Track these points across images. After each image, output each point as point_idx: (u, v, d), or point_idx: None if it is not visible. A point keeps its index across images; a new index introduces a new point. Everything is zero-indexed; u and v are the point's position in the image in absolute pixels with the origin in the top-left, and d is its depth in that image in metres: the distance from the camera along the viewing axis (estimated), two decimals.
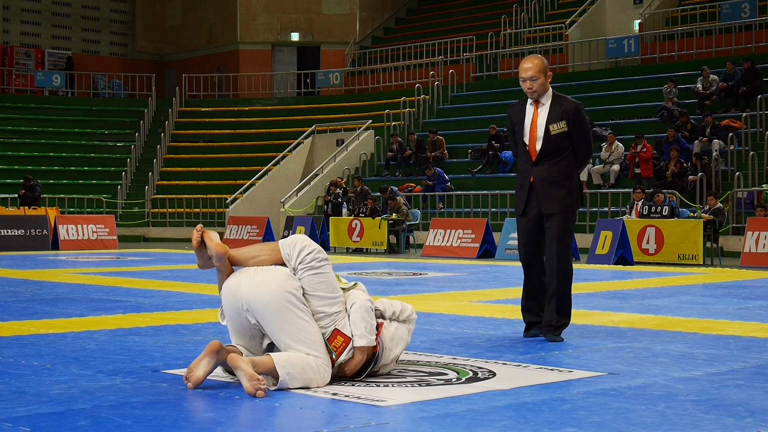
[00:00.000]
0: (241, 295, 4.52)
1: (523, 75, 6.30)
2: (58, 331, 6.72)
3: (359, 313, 4.61)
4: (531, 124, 6.33)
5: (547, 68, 6.33)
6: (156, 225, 27.77)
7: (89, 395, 4.37)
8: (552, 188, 6.25)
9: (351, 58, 34.29)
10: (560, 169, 6.26)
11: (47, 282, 11.60)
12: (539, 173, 6.28)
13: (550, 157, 6.26)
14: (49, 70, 34.12)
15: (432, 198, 23.28)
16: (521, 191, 6.38)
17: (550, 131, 6.24)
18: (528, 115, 6.37)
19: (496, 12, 32.12)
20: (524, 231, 6.39)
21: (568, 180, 6.28)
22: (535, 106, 6.35)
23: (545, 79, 6.29)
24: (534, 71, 6.25)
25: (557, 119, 6.25)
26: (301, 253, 4.57)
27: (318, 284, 4.56)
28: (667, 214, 16.51)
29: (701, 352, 5.78)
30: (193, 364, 4.51)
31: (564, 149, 6.27)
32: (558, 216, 6.24)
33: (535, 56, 6.39)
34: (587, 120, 6.43)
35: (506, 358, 5.49)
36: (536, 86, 6.26)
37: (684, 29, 26.19)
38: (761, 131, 20.70)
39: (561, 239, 6.22)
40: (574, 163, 6.32)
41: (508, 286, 11.13)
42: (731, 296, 9.81)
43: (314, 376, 4.45)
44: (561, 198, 6.24)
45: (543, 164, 6.28)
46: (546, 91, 6.33)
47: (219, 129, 32.16)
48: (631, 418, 3.94)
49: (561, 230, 6.23)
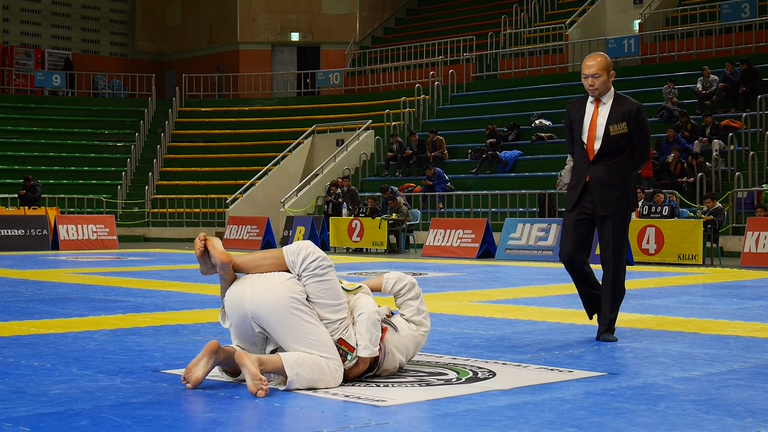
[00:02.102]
0: (246, 304, 4.51)
1: (586, 72, 6.20)
2: (58, 331, 6.72)
3: (365, 325, 4.61)
4: (591, 122, 6.23)
5: (610, 66, 6.24)
6: (156, 225, 27.77)
7: (89, 395, 4.37)
8: (607, 189, 6.16)
9: (351, 58, 34.29)
10: (617, 171, 6.16)
11: (47, 282, 11.60)
12: (596, 173, 6.18)
13: (608, 158, 6.17)
14: (49, 70, 34.12)
15: (432, 198, 23.28)
16: (575, 189, 6.28)
17: (610, 132, 6.14)
18: (588, 113, 6.27)
19: (496, 12, 32.12)
20: (568, 227, 6.30)
21: (624, 182, 6.19)
22: (595, 104, 6.25)
23: (608, 78, 6.19)
24: (597, 68, 6.15)
25: (618, 120, 6.14)
26: (305, 261, 4.54)
27: (322, 291, 4.54)
28: (667, 214, 16.52)
29: (701, 352, 5.78)
30: (192, 365, 4.51)
31: (622, 150, 6.17)
32: (613, 218, 6.16)
33: (598, 54, 6.31)
34: (648, 123, 6.33)
35: (506, 358, 5.49)
36: (598, 84, 6.17)
37: (684, 29, 26.19)
38: (761, 131, 20.70)
39: (617, 242, 6.17)
40: (630, 166, 6.23)
41: (508, 286, 11.13)
42: (731, 296, 9.81)
43: (325, 376, 4.44)
44: (616, 200, 6.16)
45: (600, 164, 6.18)
46: (608, 90, 6.23)
47: (219, 129, 32.16)
48: (631, 418, 3.94)
49: (617, 233, 6.17)
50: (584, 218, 6.25)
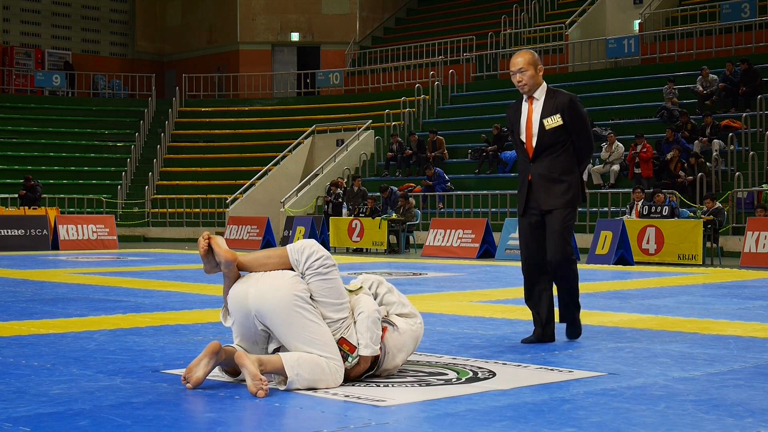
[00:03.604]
0: (250, 302, 4.52)
1: (513, 69, 6.13)
2: (58, 331, 6.72)
3: (366, 323, 4.61)
4: (526, 120, 6.12)
5: (537, 61, 6.13)
6: (156, 225, 27.77)
7: (89, 395, 4.37)
8: (550, 185, 6.03)
9: (351, 58, 34.29)
10: (558, 165, 6.04)
11: (47, 282, 11.60)
12: (537, 170, 6.07)
13: (548, 153, 6.04)
14: (49, 70, 34.12)
15: (432, 198, 23.29)
16: (521, 191, 6.18)
17: (545, 126, 6.03)
18: (523, 112, 6.17)
19: (496, 12, 32.13)
20: (524, 231, 6.17)
21: (567, 175, 6.05)
22: (529, 102, 6.14)
23: (535, 72, 6.08)
24: (523, 63, 6.07)
25: (551, 113, 6.02)
26: (309, 259, 4.55)
27: (325, 290, 4.54)
28: (667, 214, 16.51)
29: (701, 352, 5.78)
30: (192, 365, 4.51)
31: (561, 144, 6.04)
32: (557, 211, 6.02)
33: (525, 50, 6.25)
34: (584, 112, 6.17)
35: (506, 358, 5.49)
36: (526, 79, 6.07)
37: (684, 29, 26.19)
38: (761, 131, 20.70)
39: (560, 234, 5.99)
40: (573, 158, 6.09)
41: (508, 286, 11.12)
42: (731, 296, 9.81)
43: (325, 377, 4.43)
44: (560, 193, 6.02)
45: (541, 161, 6.06)
46: (538, 85, 6.12)
47: (219, 129, 32.16)
48: (631, 418, 3.93)
49: (560, 225, 6.00)
50: (537, 220, 6.11)
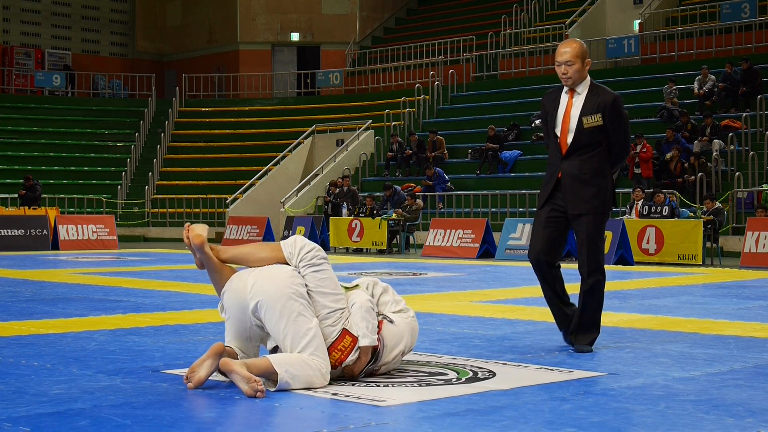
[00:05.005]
0: (249, 292, 4.55)
1: (559, 59, 5.76)
2: (58, 331, 6.72)
3: (360, 313, 4.63)
4: (564, 114, 5.77)
5: (586, 53, 5.78)
6: (156, 225, 27.77)
7: (89, 395, 4.37)
8: (581, 186, 5.70)
9: (351, 58, 34.29)
10: (591, 166, 5.70)
11: (47, 282, 11.60)
12: (568, 169, 5.73)
13: (582, 152, 5.72)
14: (49, 70, 34.12)
15: (432, 198, 23.29)
16: (547, 185, 5.84)
17: (584, 124, 5.69)
18: (562, 104, 5.81)
19: (496, 12, 32.13)
20: (539, 225, 5.86)
21: (599, 178, 5.71)
22: (570, 95, 5.79)
23: (582, 66, 5.73)
24: (570, 55, 5.71)
25: (592, 111, 5.69)
26: (301, 251, 4.64)
27: (321, 281, 4.61)
28: (667, 214, 16.51)
29: (701, 352, 5.78)
30: (195, 365, 4.51)
31: (598, 144, 5.71)
32: (586, 217, 5.70)
33: (573, 40, 5.89)
34: (626, 115, 5.84)
35: (506, 358, 5.49)
36: (571, 72, 5.72)
37: (684, 29, 26.19)
38: (761, 131, 20.70)
39: (591, 242, 5.69)
40: (607, 161, 5.76)
41: (508, 286, 11.13)
42: (731, 296, 9.81)
43: (313, 373, 4.44)
44: (590, 197, 5.69)
45: (573, 159, 5.73)
46: (583, 80, 5.77)
47: (219, 129, 32.16)
48: (631, 418, 3.93)
49: (591, 233, 5.69)
50: (556, 216, 5.80)
